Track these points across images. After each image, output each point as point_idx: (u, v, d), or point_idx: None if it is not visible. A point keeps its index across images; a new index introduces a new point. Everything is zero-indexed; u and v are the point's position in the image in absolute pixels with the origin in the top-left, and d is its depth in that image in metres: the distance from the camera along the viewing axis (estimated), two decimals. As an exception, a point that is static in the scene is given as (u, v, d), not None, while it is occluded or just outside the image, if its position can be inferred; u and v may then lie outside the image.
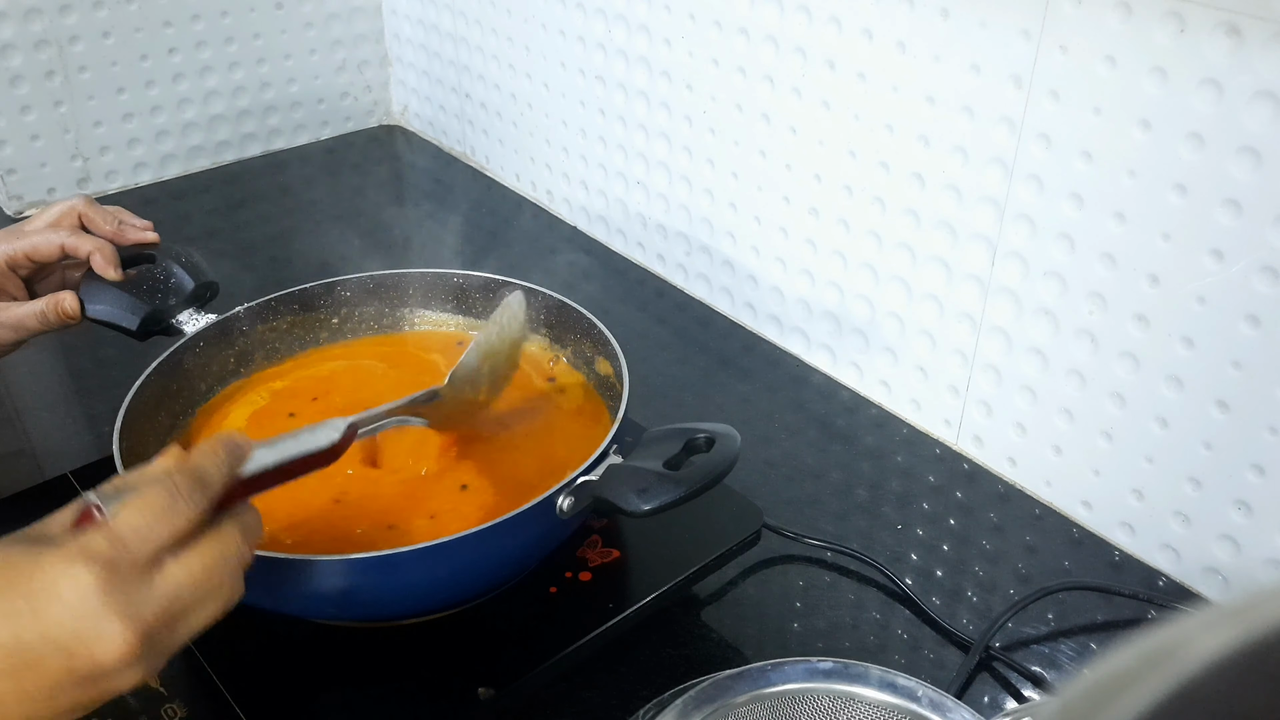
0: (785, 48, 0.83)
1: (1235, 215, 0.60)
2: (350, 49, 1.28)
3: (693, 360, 0.92)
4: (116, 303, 0.69)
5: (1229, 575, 0.67)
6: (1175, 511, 0.69)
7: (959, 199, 0.74)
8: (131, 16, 1.12)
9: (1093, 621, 0.67)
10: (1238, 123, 0.59)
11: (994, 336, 0.76)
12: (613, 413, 0.67)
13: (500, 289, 0.76)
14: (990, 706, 0.62)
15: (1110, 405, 0.70)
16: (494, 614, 0.61)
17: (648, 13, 0.93)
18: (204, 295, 0.73)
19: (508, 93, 1.14)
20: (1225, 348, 0.63)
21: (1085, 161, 0.66)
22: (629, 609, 0.61)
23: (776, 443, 0.82)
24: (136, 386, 0.65)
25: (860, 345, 0.86)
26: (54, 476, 0.72)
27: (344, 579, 0.54)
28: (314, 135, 1.29)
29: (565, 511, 0.57)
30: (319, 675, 0.59)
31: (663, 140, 0.97)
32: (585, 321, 0.72)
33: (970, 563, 0.71)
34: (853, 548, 0.71)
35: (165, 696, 0.57)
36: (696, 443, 0.58)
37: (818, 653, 0.64)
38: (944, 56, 0.72)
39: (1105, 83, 0.64)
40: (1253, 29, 0.57)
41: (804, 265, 0.88)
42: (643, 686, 0.62)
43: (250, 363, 0.74)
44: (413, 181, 1.25)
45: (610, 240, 1.08)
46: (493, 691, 0.57)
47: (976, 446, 0.80)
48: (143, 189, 1.18)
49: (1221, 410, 0.64)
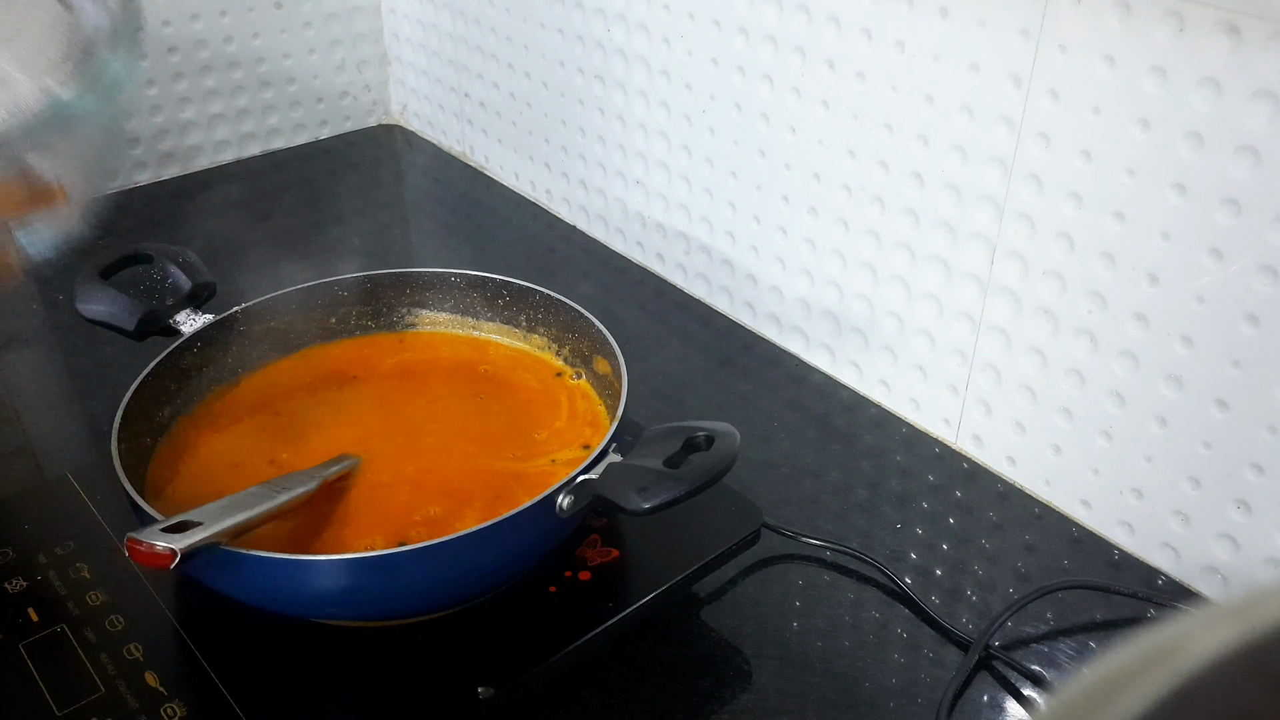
0: (784, 47, 0.83)
1: (1234, 214, 0.60)
2: (349, 48, 1.28)
3: (692, 359, 0.92)
4: (114, 303, 0.69)
5: (1228, 574, 0.67)
6: (1175, 510, 0.69)
7: (958, 198, 0.74)
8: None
9: (1092, 620, 0.67)
10: (1237, 122, 0.59)
11: (993, 336, 0.76)
12: (612, 412, 0.67)
13: (499, 288, 0.76)
14: (990, 706, 0.62)
15: (1110, 404, 0.70)
16: (494, 614, 0.61)
17: (647, 12, 0.93)
18: (201, 295, 0.73)
19: (507, 91, 1.14)
20: (1225, 347, 0.63)
21: (1084, 161, 0.66)
22: (629, 608, 0.61)
23: (776, 442, 0.82)
24: (135, 386, 0.65)
25: (859, 344, 0.86)
26: (54, 476, 0.72)
27: (344, 579, 0.54)
28: (313, 134, 1.29)
29: (565, 510, 0.57)
30: (319, 675, 0.59)
31: (662, 139, 0.97)
32: (584, 321, 0.72)
33: (970, 562, 0.71)
34: (852, 547, 0.71)
35: (165, 696, 0.57)
36: (696, 441, 0.58)
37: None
38: (943, 56, 0.72)
39: (1104, 82, 0.64)
40: (1252, 28, 0.57)
41: (803, 264, 0.88)
42: (642, 686, 0.62)
43: (249, 363, 0.74)
44: (412, 180, 1.25)
45: (609, 239, 1.08)
46: (493, 691, 0.57)
47: (976, 446, 0.80)
48: (142, 188, 1.18)
49: (1221, 409, 0.64)
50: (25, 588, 0.63)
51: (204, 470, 0.65)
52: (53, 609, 0.62)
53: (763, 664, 0.64)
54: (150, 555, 0.49)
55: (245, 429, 0.69)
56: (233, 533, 0.52)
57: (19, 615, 0.61)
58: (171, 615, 0.61)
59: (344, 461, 0.63)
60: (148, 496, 0.60)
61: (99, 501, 0.69)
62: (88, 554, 0.65)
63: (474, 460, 0.66)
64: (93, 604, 0.62)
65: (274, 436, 0.68)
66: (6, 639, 0.60)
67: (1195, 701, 0.17)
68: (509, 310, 0.76)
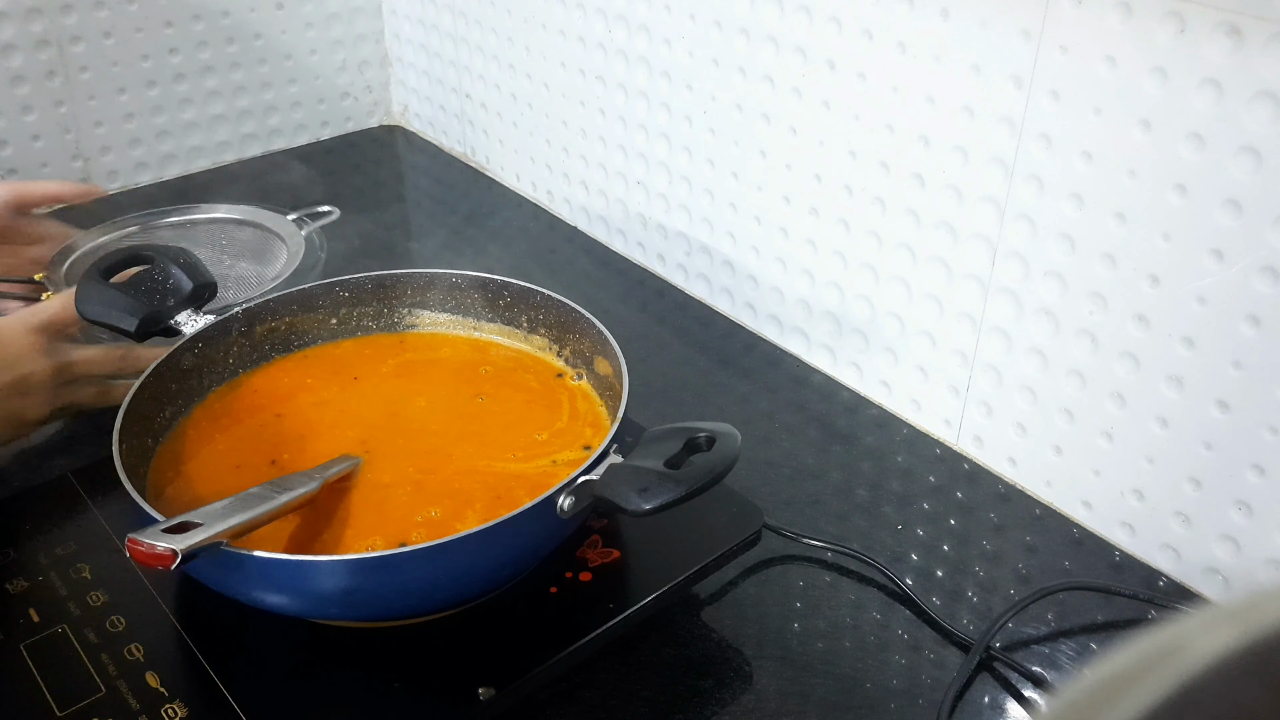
0: (785, 48, 0.83)
1: (1236, 215, 0.60)
2: (350, 49, 1.28)
3: (693, 360, 0.92)
4: (114, 304, 0.69)
5: (1229, 575, 0.67)
6: (1175, 511, 0.69)
7: (959, 199, 0.74)
8: (132, 17, 1.12)
9: (1093, 621, 0.67)
10: (1238, 123, 0.59)
11: (994, 337, 0.76)
12: (612, 412, 0.67)
13: (500, 289, 0.76)
14: (991, 707, 0.62)
15: (1111, 405, 0.70)
16: (494, 614, 0.61)
17: (648, 13, 0.93)
18: (202, 296, 0.73)
19: (508, 93, 1.15)
20: (1226, 348, 0.63)
21: (1085, 162, 0.66)
22: (629, 609, 0.61)
23: (777, 443, 0.82)
24: (136, 386, 0.65)
25: (860, 345, 0.86)
26: (54, 476, 0.72)
27: (344, 579, 0.54)
28: (314, 135, 1.29)
29: (566, 511, 0.57)
30: (319, 675, 0.59)
31: (663, 140, 0.97)
32: (585, 321, 0.72)
33: (970, 563, 0.71)
34: (853, 548, 0.71)
35: (165, 696, 0.57)
36: (697, 442, 0.58)
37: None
38: (944, 56, 0.72)
39: (1105, 83, 0.64)
40: (1253, 29, 0.57)
41: (804, 265, 0.88)
42: (643, 686, 0.62)
43: (250, 363, 0.74)
44: (413, 181, 1.25)
45: (610, 240, 1.08)
46: (493, 691, 0.57)
47: (977, 447, 0.80)
48: (143, 189, 1.18)
49: (1222, 410, 0.64)
50: (26, 588, 0.63)
51: (205, 471, 0.65)
52: (54, 609, 0.62)
53: (763, 665, 0.64)
54: (151, 555, 0.49)
55: (246, 430, 0.69)
56: (234, 533, 0.52)
57: (20, 616, 0.61)
58: (172, 616, 0.61)
59: (344, 462, 0.63)
60: (148, 497, 0.60)
61: (100, 502, 0.69)
62: (89, 554, 0.65)
63: (474, 461, 0.66)
64: (94, 604, 0.62)
65: (275, 437, 0.68)
66: (7, 639, 0.60)
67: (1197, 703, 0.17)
68: (510, 311, 0.76)
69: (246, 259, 0.94)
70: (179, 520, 0.51)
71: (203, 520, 0.51)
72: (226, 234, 0.96)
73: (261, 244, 0.94)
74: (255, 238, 0.95)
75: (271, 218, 0.95)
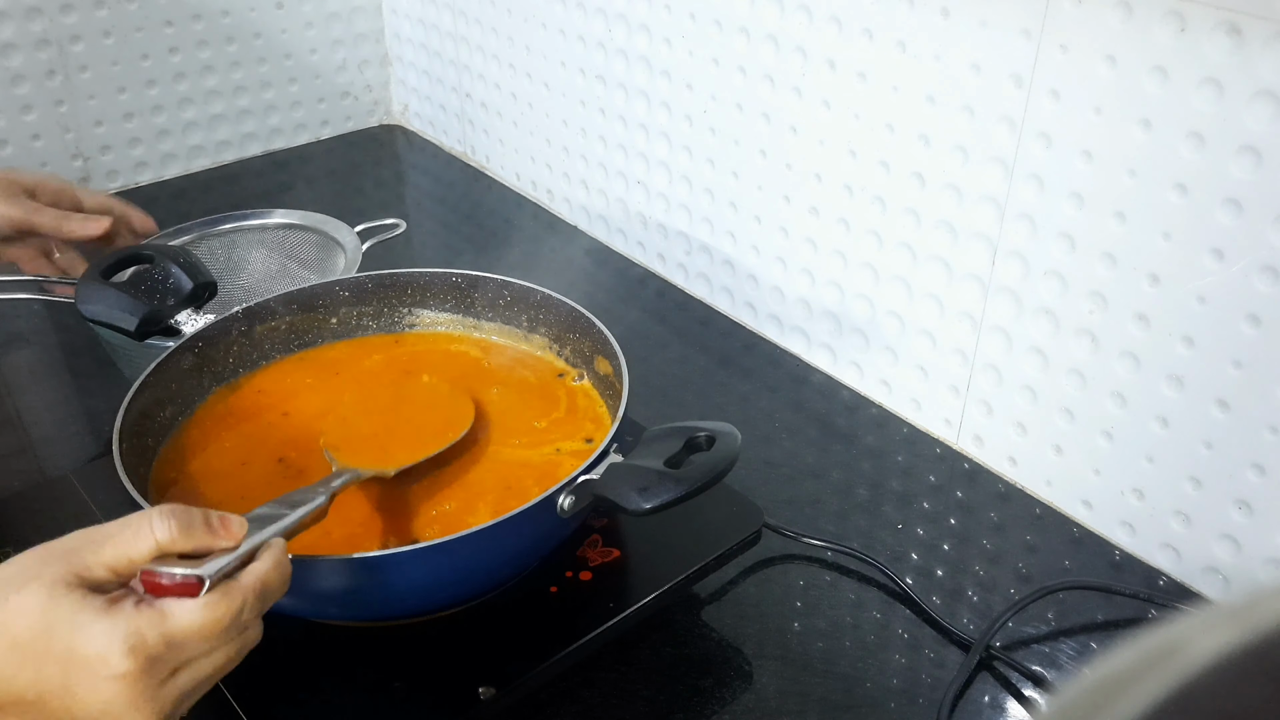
0: (786, 47, 0.83)
1: (1236, 215, 0.60)
2: (351, 48, 1.28)
3: (693, 360, 0.92)
4: (115, 303, 0.69)
5: (1229, 575, 0.67)
6: (1176, 511, 0.69)
7: (959, 198, 0.74)
8: (132, 16, 1.12)
9: (1093, 621, 0.67)
10: (1238, 122, 0.59)
11: (994, 336, 0.76)
12: (613, 412, 0.67)
13: (500, 289, 0.76)
14: (991, 706, 0.62)
15: (1111, 405, 0.70)
16: (494, 614, 0.61)
17: (648, 12, 0.93)
18: (202, 295, 0.73)
19: (508, 92, 1.14)
20: (1226, 347, 0.63)
21: (1086, 161, 0.66)
22: (629, 608, 0.61)
23: (777, 442, 0.82)
24: (136, 386, 0.65)
25: (860, 345, 0.86)
26: (54, 476, 0.72)
27: (344, 579, 0.54)
28: (314, 135, 1.29)
29: (566, 510, 0.57)
30: (319, 675, 0.59)
31: (663, 140, 0.97)
32: (585, 321, 0.72)
33: (971, 562, 0.71)
34: (853, 547, 0.71)
35: (165, 696, 0.57)
36: (697, 441, 0.58)
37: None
38: (944, 56, 0.72)
39: (1106, 82, 0.64)
40: (1253, 28, 0.57)
41: (804, 264, 0.88)
42: (643, 686, 0.62)
43: (250, 363, 0.74)
44: (413, 181, 1.25)
45: (610, 240, 1.08)
46: (493, 691, 0.57)
47: (977, 446, 0.80)
48: (143, 188, 1.18)
49: (1222, 409, 0.64)
50: (26, 588, 0.63)
51: (210, 469, 0.65)
52: (54, 609, 0.62)
53: (764, 664, 0.64)
54: (175, 587, 0.45)
55: (253, 428, 0.69)
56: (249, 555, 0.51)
57: (20, 615, 0.61)
58: (172, 615, 0.61)
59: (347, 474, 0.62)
60: (150, 497, 0.60)
61: (100, 502, 0.69)
62: (89, 554, 0.65)
63: (481, 449, 0.66)
64: (94, 604, 0.62)
65: (275, 438, 0.68)
66: (7, 639, 0.60)
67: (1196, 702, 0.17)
68: (510, 310, 0.76)
69: (308, 266, 0.91)
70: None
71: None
72: (288, 240, 0.93)
73: (321, 251, 0.92)
74: (317, 244, 0.92)
75: (335, 225, 0.92)
